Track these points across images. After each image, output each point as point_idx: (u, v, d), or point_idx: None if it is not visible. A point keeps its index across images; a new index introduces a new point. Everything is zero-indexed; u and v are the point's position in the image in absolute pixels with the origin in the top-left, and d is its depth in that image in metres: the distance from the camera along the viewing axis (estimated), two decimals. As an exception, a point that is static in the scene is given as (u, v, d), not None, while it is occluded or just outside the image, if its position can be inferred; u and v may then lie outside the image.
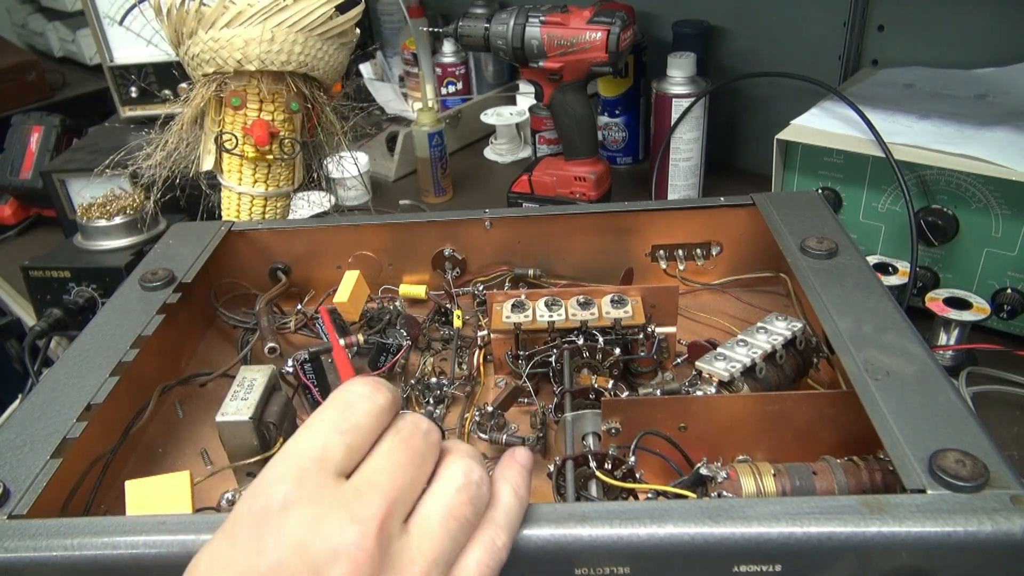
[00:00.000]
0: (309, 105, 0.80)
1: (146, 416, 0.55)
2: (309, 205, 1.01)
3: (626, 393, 0.56)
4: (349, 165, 1.08)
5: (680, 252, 0.72)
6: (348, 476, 0.34)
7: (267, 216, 0.84)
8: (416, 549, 0.33)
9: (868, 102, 0.79)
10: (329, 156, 0.86)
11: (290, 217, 0.96)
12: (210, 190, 0.84)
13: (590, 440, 0.52)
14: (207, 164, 0.81)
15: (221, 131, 0.78)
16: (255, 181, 0.81)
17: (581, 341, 0.59)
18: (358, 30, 0.81)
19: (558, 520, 0.38)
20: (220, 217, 0.83)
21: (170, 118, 0.81)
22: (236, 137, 0.78)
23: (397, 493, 0.33)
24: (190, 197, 0.85)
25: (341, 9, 0.76)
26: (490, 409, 0.57)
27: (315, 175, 0.87)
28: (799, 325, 0.56)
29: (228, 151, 0.78)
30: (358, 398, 0.36)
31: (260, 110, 0.78)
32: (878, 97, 0.84)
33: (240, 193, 0.81)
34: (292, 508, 0.32)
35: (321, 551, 0.31)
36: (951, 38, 0.90)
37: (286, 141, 0.80)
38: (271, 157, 0.80)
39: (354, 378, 0.38)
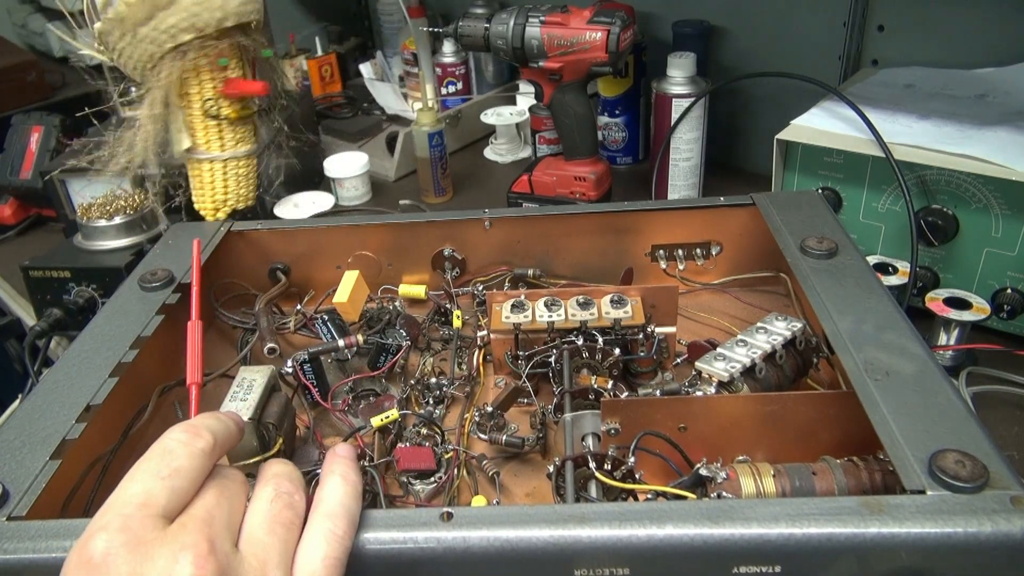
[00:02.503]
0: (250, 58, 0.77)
1: (146, 416, 0.55)
2: (310, 205, 1.01)
3: (626, 393, 0.56)
4: (345, 166, 1.08)
5: (680, 252, 0.72)
6: (174, 520, 0.35)
7: (241, 175, 0.82)
8: (253, 558, 0.35)
9: (868, 102, 0.79)
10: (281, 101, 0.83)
11: (290, 217, 0.96)
12: (183, 182, 0.82)
13: (590, 441, 0.52)
14: (185, 143, 0.79)
15: (205, 99, 0.76)
16: (237, 141, 0.79)
17: (581, 341, 0.59)
18: None
19: (558, 521, 0.38)
20: (192, 199, 0.82)
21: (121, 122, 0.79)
22: (216, 102, 0.76)
23: (219, 521, 0.35)
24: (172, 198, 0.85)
25: None
26: (490, 409, 0.57)
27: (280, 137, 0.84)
28: (799, 325, 0.56)
29: (217, 118, 0.77)
30: (178, 444, 0.37)
31: (226, 68, 0.76)
32: (878, 97, 0.84)
33: (225, 160, 0.79)
34: (116, 554, 0.32)
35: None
36: (951, 38, 0.90)
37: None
38: (253, 110, 0.78)
39: (172, 427, 0.39)
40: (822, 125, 0.79)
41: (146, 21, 0.74)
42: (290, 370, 0.60)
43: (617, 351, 0.59)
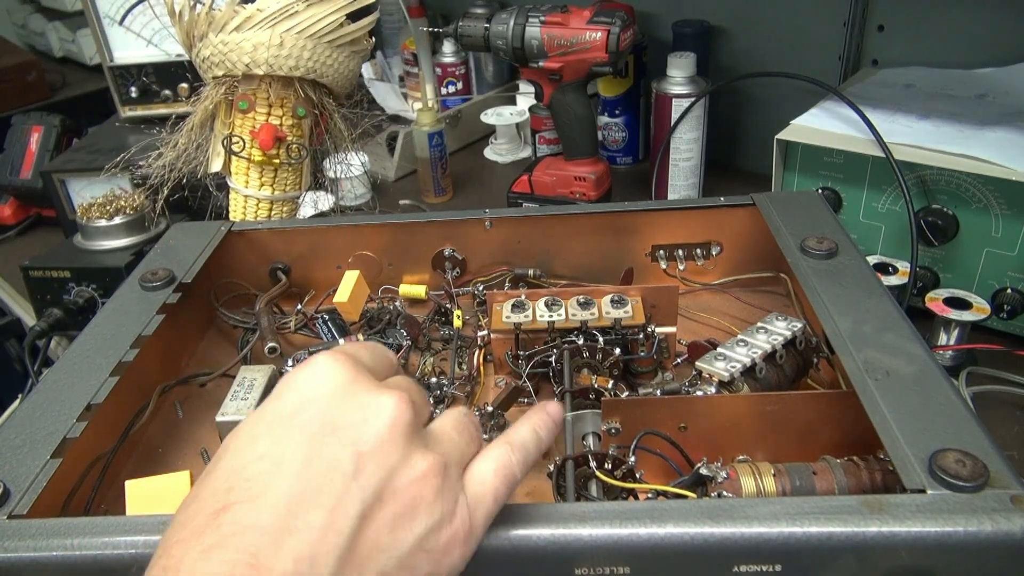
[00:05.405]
0: (317, 112, 0.80)
1: (146, 416, 0.55)
2: (310, 205, 1.01)
3: (626, 393, 0.56)
4: (352, 165, 1.09)
5: (680, 252, 0.72)
6: None
7: (266, 215, 0.84)
8: (437, 439, 0.36)
9: (868, 102, 0.79)
10: (333, 156, 0.87)
11: (291, 217, 0.96)
12: (217, 192, 0.84)
13: (590, 440, 0.52)
14: (216, 166, 0.81)
15: (230, 134, 0.78)
16: (262, 184, 0.81)
17: (581, 341, 0.59)
18: (373, 39, 0.81)
19: (558, 520, 0.38)
20: (228, 218, 0.84)
21: (180, 119, 0.82)
22: (244, 140, 0.78)
23: (416, 398, 0.36)
24: (202, 198, 0.85)
25: (353, 17, 0.76)
26: (490, 409, 0.58)
27: (320, 176, 0.87)
28: (799, 325, 0.56)
29: (235, 154, 0.79)
30: (374, 345, 0.41)
31: (268, 114, 0.78)
32: (878, 97, 0.84)
33: (247, 196, 0.81)
34: (333, 366, 0.35)
35: (368, 403, 0.34)
36: (951, 38, 0.90)
37: (293, 146, 0.80)
38: (277, 161, 0.80)
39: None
40: (822, 125, 0.79)
41: (190, 47, 0.76)
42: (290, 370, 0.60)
43: (617, 351, 0.59)
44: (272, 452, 0.32)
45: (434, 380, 0.63)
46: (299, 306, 0.71)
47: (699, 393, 0.52)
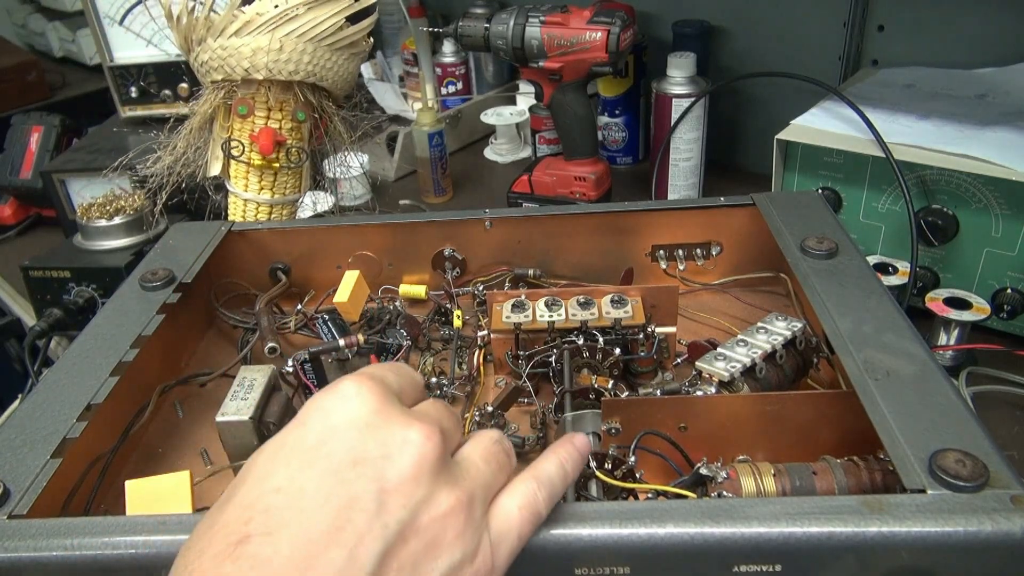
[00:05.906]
0: (317, 115, 0.80)
1: (146, 416, 0.55)
2: (310, 206, 1.01)
3: (626, 393, 0.56)
4: (351, 166, 1.09)
5: (680, 252, 0.72)
6: None
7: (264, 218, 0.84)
8: (464, 471, 0.35)
9: (868, 102, 0.79)
10: (332, 158, 0.87)
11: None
12: (216, 194, 0.84)
13: (590, 440, 0.52)
14: (215, 169, 0.81)
15: (228, 138, 0.78)
16: (261, 188, 0.81)
17: (581, 341, 0.59)
18: (371, 40, 0.81)
19: (558, 520, 0.38)
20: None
21: (179, 121, 0.81)
22: (243, 144, 0.78)
23: (446, 426, 0.36)
24: (199, 201, 0.85)
25: (352, 19, 0.76)
26: (490, 409, 0.58)
27: (319, 178, 0.87)
28: (799, 325, 0.56)
29: (235, 158, 0.79)
30: (401, 366, 0.40)
31: (268, 118, 0.78)
32: (878, 97, 0.84)
33: (246, 200, 0.81)
34: (361, 394, 0.35)
35: (394, 436, 0.33)
36: (951, 38, 0.90)
37: (292, 150, 0.80)
38: (277, 165, 0.80)
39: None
40: (822, 125, 0.79)
41: (188, 51, 0.76)
42: (291, 369, 0.60)
43: (617, 351, 0.59)
44: (291, 484, 0.32)
45: (434, 380, 0.63)
46: (299, 306, 0.71)
47: (699, 393, 0.52)
